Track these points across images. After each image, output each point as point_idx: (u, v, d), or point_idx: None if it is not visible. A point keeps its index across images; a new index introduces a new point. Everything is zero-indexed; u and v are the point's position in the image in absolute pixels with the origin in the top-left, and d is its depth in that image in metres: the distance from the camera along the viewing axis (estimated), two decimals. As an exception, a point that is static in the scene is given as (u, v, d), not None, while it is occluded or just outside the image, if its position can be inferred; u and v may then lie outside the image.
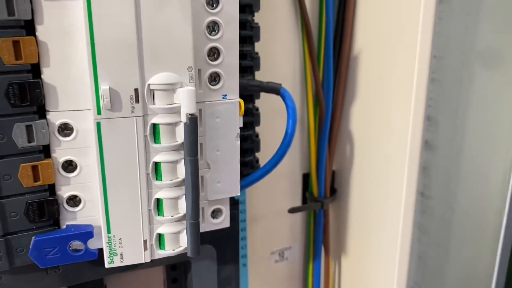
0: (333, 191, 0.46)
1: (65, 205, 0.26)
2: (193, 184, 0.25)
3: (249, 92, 0.34)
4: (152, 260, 0.27)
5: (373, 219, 0.44)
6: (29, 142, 0.24)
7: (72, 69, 0.24)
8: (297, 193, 0.46)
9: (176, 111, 0.25)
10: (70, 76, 0.24)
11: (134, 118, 0.24)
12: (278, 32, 0.40)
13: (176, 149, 0.26)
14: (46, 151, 0.25)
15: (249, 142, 0.36)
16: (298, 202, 0.46)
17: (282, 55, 0.41)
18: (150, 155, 0.25)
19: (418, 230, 0.52)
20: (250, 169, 0.36)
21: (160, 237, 0.27)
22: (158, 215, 0.26)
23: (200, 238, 0.27)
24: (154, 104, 0.25)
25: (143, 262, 0.27)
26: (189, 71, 0.25)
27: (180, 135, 0.25)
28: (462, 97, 0.45)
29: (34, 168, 0.25)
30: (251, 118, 0.35)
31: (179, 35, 0.24)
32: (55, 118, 0.25)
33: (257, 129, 0.36)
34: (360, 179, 0.44)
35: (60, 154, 0.26)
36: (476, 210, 0.45)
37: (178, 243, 0.27)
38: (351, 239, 0.46)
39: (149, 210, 0.26)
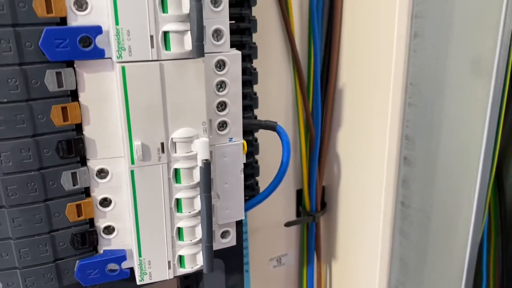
0: (324, 204, 0.52)
1: (102, 234, 0.32)
2: (208, 215, 0.31)
3: (250, 129, 0.39)
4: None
5: (358, 228, 0.50)
6: (74, 185, 0.30)
7: (107, 126, 0.30)
8: (292, 206, 0.52)
9: (193, 157, 0.31)
10: (106, 131, 0.30)
11: (161, 165, 0.30)
12: (273, 69, 0.46)
13: (194, 187, 0.31)
14: (87, 191, 0.31)
15: (249, 168, 0.41)
16: (293, 215, 0.52)
17: (277, 89, 0.47)
18: (172, 193, 0.31)
19: (400, 235, 0.59)
20: (251, 191, 0.42)
21: (180, 257, 0.33)
22: (179, 240, 0.32)
23: (212, 256, 0.33)
24: (176, 153, 0.30)
25: (167, 278, 0.33)
26: (203, 125, 0.31)
27: (196, 176, 0.31)
28: (435, 119, 0.51)
29: (78, 206, 0.31)
30: (250, 148, 0.41)
31: (195, 97, 0.30)
32: (94, 164, 0.30)
33: (257, 156, 0.42)
34: (346, 193, 0.51)
35: (98, 193, 0.31)
36: (448, 218, 0.51)
37: (196, 262, 0.33)
38: (339, 246, 0.52)
39: (172, 236, 0.32)
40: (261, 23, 0.44)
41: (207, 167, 0.30)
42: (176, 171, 0.31)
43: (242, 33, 0.38)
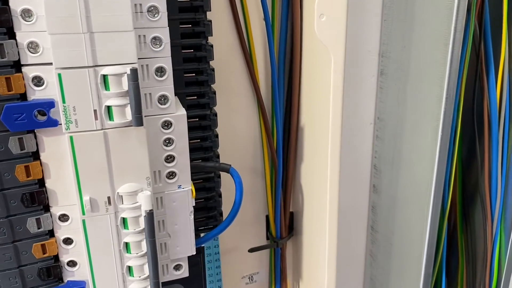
0: (291, 229, 0.56)
1: (66, 267, 0.37)
2: (153, 256, 0.36)
3: (206, 171, 0.44)
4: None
5: (321, 253, 0.54)
6: (38, 228, 0.35)
7: (66, 179, 0.35)
8: (263, 231, 0.56)
9: (138, 207, 0.35)
10: (64, 183, 0.35)
11: (108, 215, 0.35)
12: (240, 112, 0.50)
13: (140, 232, 0.36)
14: (51, 233, 0.36)
15: (212, 201, 0.46)
16: (263, 238, 0.56)
17: (243, 127, 0.50)
18: (121, 237, 0.36)
19: (370, 257, 0.62)
20: (214, 221, 0.46)
21: (132, 290, 0.38)
22: (130, 276, 0.37)
23: (161, 290, 0.38)
24: (122, 204, 0.35)
25: (120, 308, 0.38)
26: (147, 179, 0.35)
27: (142, 223, 0.36)
28: (396, 152, 0.54)
29: (43, 245, 0.36)
30: (213, 183, 0.45)
31: (139, 157, 0.34)
32: (56, 210, 0.36)
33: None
34: (310, 219, 0.54)
35: (61, 234, 0.36)
36: (406, 245, 0.54)
37: (146, 294, 0.38)
38: (305, 268, 0.56)
39: (123, 273, 0.37)
40: (227, 68, 0.48)
41: (150, 216, 0.35)
42: (124, 219, 0.36)
43: (201, 84, 0.42)
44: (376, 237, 0.59)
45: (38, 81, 0.32)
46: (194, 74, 0.41)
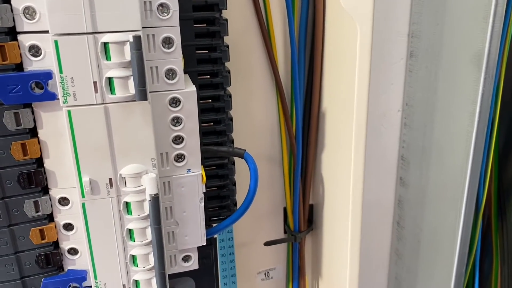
0: (311, 222, 0.52)
1: (67, 255, 0.35)
2: (158, 245, 0.33)
3: (219, 156, 0.40)
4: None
5: (343, 249, 0.50)
6: (37, 212, 0.33)
7: (66, 159, 0.32)
8: (280, 224, 0.53)
9: (143, 191, 0.32)
10: (64, 164, 0.32)
11: (110, 198, 0.32)
12: (257, 96, 0.47)
13: (145, 218, 0.33)
14: (50, 217, 0.34)
15: (225, 190, 0.43)
16: (281, 232, 0.53)
17: (261, 114, 0.47)
18: (124, 223, 0.33)
19: (395, 255, 0.58)
20: (227, 212, 0.43)
21: (136, 282, 0.35)
22: (134, 266, 0.34)
23: (167, 282, 0.35)
24: (126, 187, 0.32)
25: (124, 300, 0.35)
26: (152, 161, 0.32)
27: (147, 208, 0.33)
28: (426, 141, 0.49)
29: (41, 231, 0.33)
30: (226, 171, 0.42)
31: (143, 136, 0.31)
32: (56, 193, 0.33)
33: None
34: (331, 212, 0.50)
35: (61, 219, 0.34)
36: (434, 241, 0.50)
37: (151, 285, 0.35)
38: (325, 265, 0.52)
39: (126, 262, 0.34)
40: (244, 49, 0.45)
41: (155, 201, 0.32)
42: (127, 203, 0.33)
43: (214, 62, 0.38)
44: (402, 234, 0.55)
45: (36, 51, 0.30)
46: (207, 51, 0.38)
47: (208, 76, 0.39)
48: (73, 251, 0.35)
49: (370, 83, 0.42)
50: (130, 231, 0.34)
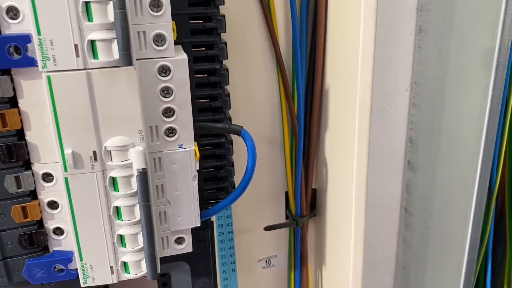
0: (314, 207, 0.50)
1: (52, 235, 0.33)
2: (147, 224, 0.31)
3: (214, 133, 0.38)
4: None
5: (347, 236, 0.48)
6: (18, 188, 0.31)
7: (49, 131, 0.30)
8: (282, 209, 0.50)
9: (130, 166, 0.30)
10: (48, 136, 0.30)
11: (95, 173, 0.30)
12: (257, 73, 0.44)
13: (133, 195, 0.31)
14: (33, 194, 0.32)
15: (223, 171, 0.40)
16: (282, 217, 0.50)
17: (261, 92, 0.45)
18: (110, 200, 0.31)
19: (403, 243, 0.55)
20: (225, 194, 0.41)
21: (125, 263, 0.33)
22: (122, 246, 0.32)
23: (157, 265, 0.33)
24: (111, 161, 0.30)
25: (111, 283, 0.33)
26: (139, 133, 0.30)
27: (135, 184, 0.31)
28: (436, 121, 0.47)
29: (23, 208, 0.31)
30: (223, 150, 0.40)
31: (129, 106, 0.29)
32: (39, 168, 0.31)
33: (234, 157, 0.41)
34: (335, 197, 0.48)
35: (45, 196, 0.32)
36: (445, 227, 0.47)
37: (140, 268, 0.33)
38: (329, 250, 0.50)
39: (113, 243, 0.32)
40: (242, 21, 0.42)
41: (143, 176, 0.30)
42: (113, 179, 0.31)
43: (209, 33, 0.36)
44: (410, 221, 0.53)
45: (14, 14, 0.28)
46: (201, 21, 0.36)
47: (203, 48, 0.37)
48: (58, 231, 0.33)
49: (375, 61, 0.40)
50: (117, 209, 0.31)
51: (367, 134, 0.42)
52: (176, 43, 0.33)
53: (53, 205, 0.32)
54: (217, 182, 0.41)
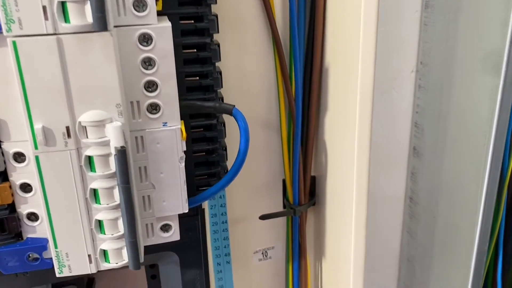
0: (313, 195, 0.47)
1: (25, 221, 0.30)
2: (127, 207, 0.28)
3: (204, 112, 0.35)
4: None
5: (347, 227, 0.45)
6: (-14, 168, 0.28)
7: (19, 105, 0.27)
8: (279, 197, 0.48)
9: (107, 143, 0.28)
10: (18, 111, 0.27)
11: (68, 151, 0.27)
12: (251, 50, 0.41)
13: (111, 176, 0.28)
14: (4, 175, 0.29)
15: (215, 155, 0.38)
16: (280, 207, 0.48)
17: (257, 72, 0.42)
18: (87, 182, 0.28)
19: (407, 234, 0.53)
20: (217, 180, 0.38)
21: (104, 252, 0.30)
22: (100, 233, 0.30)
23: (140, 254, 0.30)
24: (86, 138, 0.27)
25: (89, 273, 0.30)
26: (117, 107, 0.27)
27: (113, 164, 0.28)
28: (444, 104, 0.44)
29: (-7, 191, 0.29)
30: (215, 133, 0.37)
31: (105, 76, 0.26)
32: (9, 147, 0.28)
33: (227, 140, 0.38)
34: (335, 185, 0.45)
35: (17, 178, 0.29)
36: (453, 216, 0.44)
37: (122, 257, 0.31)
38: (329, 241, 0.47)
39: (91, 229, 0.29)
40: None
41: (121, 155, 0.27)
42: (90, 158, 0.28)
43: (198, 4, 0.33)
44: (415, 210, 0.50)
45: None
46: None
47: (192, 21, 0.34)
48: (33, 216, 0.30)
49: (377, 40, 0.37)
50: (94, 192, 0.29)
51: (369, 118, 0.39)
52: (161, 14, 0.31)
53: (26, 188, 0.30)
54: (208, 167, 0.38)
